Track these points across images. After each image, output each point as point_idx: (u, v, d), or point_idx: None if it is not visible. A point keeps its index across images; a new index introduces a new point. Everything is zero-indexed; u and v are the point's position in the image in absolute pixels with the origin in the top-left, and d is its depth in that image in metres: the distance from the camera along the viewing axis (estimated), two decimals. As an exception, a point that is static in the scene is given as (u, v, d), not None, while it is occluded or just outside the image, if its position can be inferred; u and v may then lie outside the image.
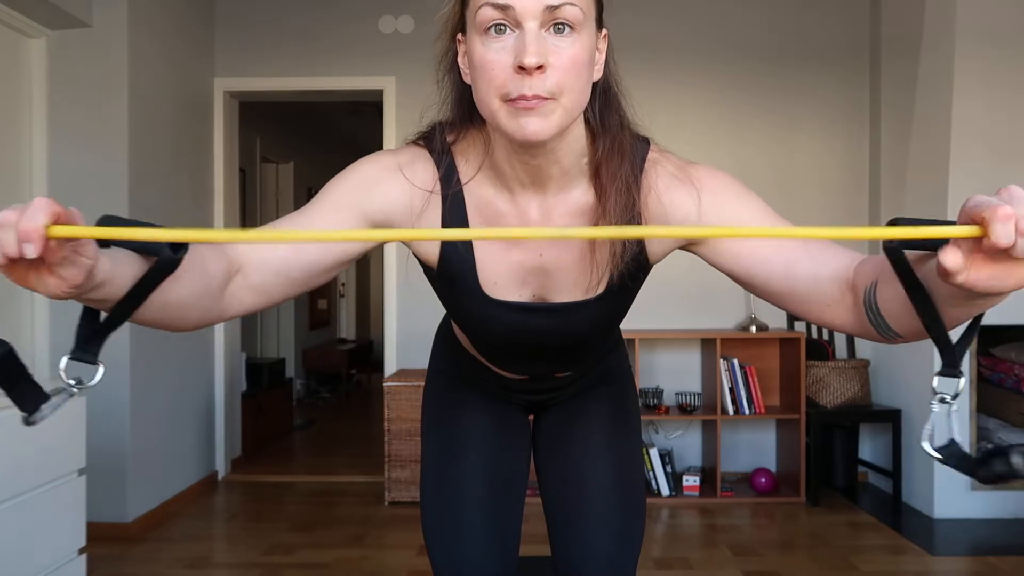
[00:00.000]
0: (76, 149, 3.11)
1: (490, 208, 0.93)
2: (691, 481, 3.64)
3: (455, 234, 0.42)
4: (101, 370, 0.65)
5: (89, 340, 0.65)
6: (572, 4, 0.77)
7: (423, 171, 0.93)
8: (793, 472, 3.67)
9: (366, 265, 8.84)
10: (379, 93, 4.04)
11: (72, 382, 0.64)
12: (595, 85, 0.86)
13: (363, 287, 8.75)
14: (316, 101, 4.95)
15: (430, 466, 1.22)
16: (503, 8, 0.77)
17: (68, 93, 3.11)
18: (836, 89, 4.01)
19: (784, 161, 4.00)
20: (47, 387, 0.64)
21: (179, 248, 0.63)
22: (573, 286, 0.96)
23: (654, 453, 3.64)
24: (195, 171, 3.83)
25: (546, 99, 0.78)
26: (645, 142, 0.94)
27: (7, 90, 2.96)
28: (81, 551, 2.33)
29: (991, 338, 3.60)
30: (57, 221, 0.54)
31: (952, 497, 3.31)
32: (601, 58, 0.87)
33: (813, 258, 0.81)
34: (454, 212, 0.92)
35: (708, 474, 3.76)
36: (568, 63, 0.78)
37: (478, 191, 0.93)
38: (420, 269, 1.03)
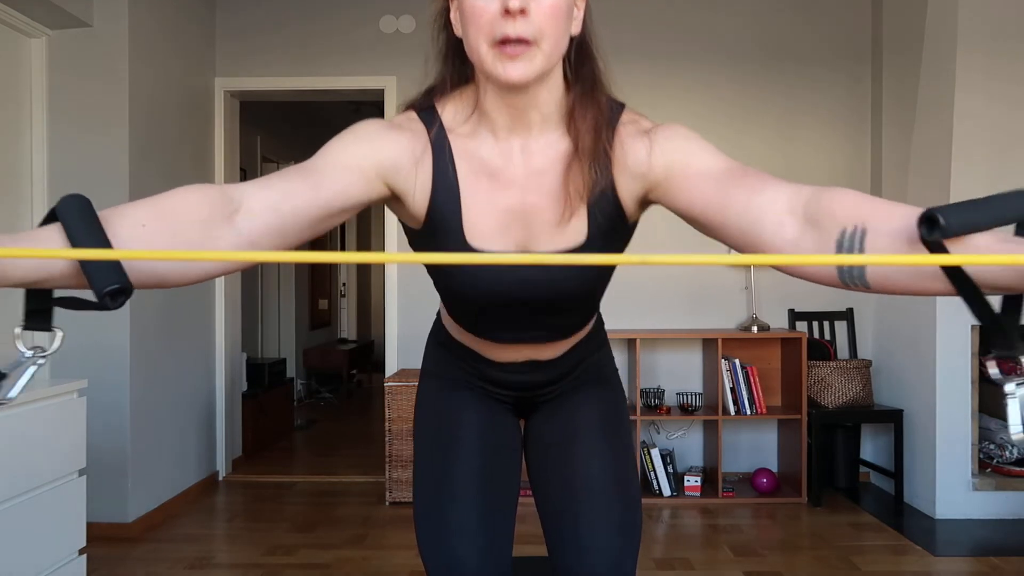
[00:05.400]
0: (76, 149, 3.11)
1: (476, 156, 0.99)
2: (692, 481, 3.64)
3: (447, 258, 0.41)
4: (60, 335, 0.63)
5: (38, 308, 0.63)
6: None
7: (415, 129, 0.99)
8: (795, 472, 3.66)
9: (367, 265, 8.84)
10: (380, 93, 4.04)
11: (31, 352, 0.62)
12: (572, 39, 0.96)
13: (364, 287, 8.75)
14: (317, 101, 4.95)
15: (422, 467, 1.22)
16: None
17: (68, 93, 3.11)
18: (838, 85, 4.01)
19: (786, 157, 3.99)
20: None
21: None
22: (552, 231, 1.00)
23: (655, 453, 3.63)
24: (196, 171, 3.83)
25: (529, 43, 0.87)
26: (620, 106, 1.02)
27: (7, 90, 2.96)
28: (81, 551, 2.33)
29: (993, 338, 3.60)
30: None
31: (954, 497, 3.31)
32: (579, 14, 0.96)
33: (749, 187, 0.84)
34: (441, 160, 0.98)
35: (709, 474, 3.76)
36: (548, 9, 0.87)
37: (464, 142, 0.99)
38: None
